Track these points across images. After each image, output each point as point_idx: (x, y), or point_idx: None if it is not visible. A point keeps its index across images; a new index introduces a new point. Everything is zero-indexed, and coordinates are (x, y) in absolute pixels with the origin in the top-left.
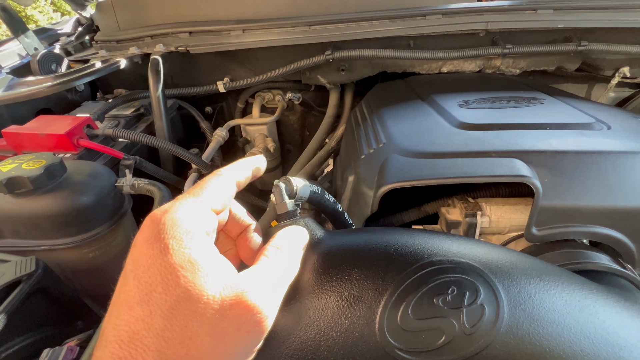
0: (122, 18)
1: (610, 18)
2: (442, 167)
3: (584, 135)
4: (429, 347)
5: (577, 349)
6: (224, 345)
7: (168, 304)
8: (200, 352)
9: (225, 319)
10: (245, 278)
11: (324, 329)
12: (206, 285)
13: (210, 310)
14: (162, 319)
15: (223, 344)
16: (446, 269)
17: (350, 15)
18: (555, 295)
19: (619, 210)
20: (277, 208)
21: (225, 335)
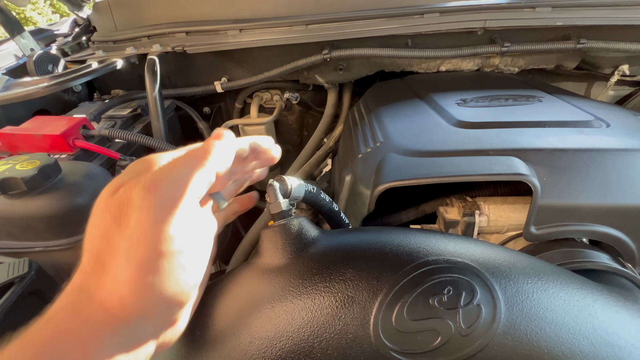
0: (119, 18)
1: (609, 15)
2: (439, 166)
3: (583, 133)
4: (424, 349)
5: (576, 350)
6: (125, 227)
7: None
8: (111, 242)
9: (122, 205)
10: (145, 175)
11: (317, 331)
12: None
13: (113, 204)
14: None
15: (125, 226)
16: (442, 269)
17: (348, 14)
18: (553, 295)
19: (619, 209)
20: (271, 207)
21: (125, 217)
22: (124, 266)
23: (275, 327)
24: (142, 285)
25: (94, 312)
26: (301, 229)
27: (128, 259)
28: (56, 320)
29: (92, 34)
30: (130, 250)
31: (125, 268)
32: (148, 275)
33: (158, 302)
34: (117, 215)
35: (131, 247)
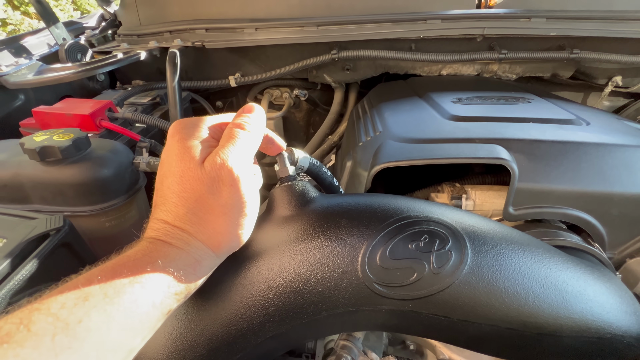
0: (144, 14)
1: (601, 28)
2: (429, 150)
3: (563, 129)
4: (402, 283)
5: (528, 290)
6: (219, 197)
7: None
8: (206, 205)
9: (215, 181)
10: (223, 155)
11: (314, 265)
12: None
13: (206, 177)
14: (177, 184)
15: (219, 196)
16: (421, 222)
17: (356, 18)
18: (515, 248)
19: (589, 194)
20: (280, 172)
21: (218, 190)
22: (221, 223)
23: (280, 261)
24: (234, 235)
25: (199, 247)
26: (304, 189)
27: (225, 219)
28: (173, 245)
29: (117, 27)
30: (226, 214)
31: (223, 224)
32: (237, 229)
33: (239, 243)
34: (210, 187)
35: (227, 212)
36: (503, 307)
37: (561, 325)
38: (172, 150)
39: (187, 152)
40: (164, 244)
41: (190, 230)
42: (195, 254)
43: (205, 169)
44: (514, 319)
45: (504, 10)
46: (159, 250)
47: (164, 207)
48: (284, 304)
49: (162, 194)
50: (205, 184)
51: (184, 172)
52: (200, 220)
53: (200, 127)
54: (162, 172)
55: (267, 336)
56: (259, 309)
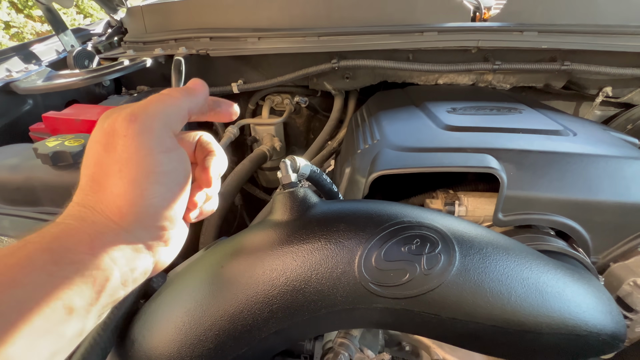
0: (150, 22)
1: (590, 41)
2: (424, 159)
3: (550, 139)
4: (395, 283)
5: (511, 290)
6: (114, 153)
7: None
8: (104, 165)
9: (109, 135)
10: (122, 109)
11: (315, 266)
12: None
13: (102, 135)
14: (84, 156)
15: (113, 152)
16: (413, 227)
17: (356, 29)
18: (499, 251)
19: (573, 202)
20: (283, 179)
21: (112, 145)
22: (117, 183)
23: (283, 262)
24: (134, 196)
25: (98, 219)
26: (305, 195)
27: (120, 177)
28: (65, 224)
29: (123, 34)
30: (122, 170)
31: (120, 184)
32: (137, 189)
33: (148, 211)
34: (105, 144)
35: (122, 168)
36: (488, 306)
37: (541, 323)
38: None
39: (98, 124)
40: (53, 225)
41: (89, 202)
42: (89, 229)
43: (103, 127)
44: (498, 317)
45: (497, 23)
46: (41, 234)
47: (75, 190)
48: (286, 302)
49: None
50: (101, 143)
51: (89, 142)
52: (99, 186)
53: (124, 105)
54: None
55: (271, 332)
56: (263, 306)
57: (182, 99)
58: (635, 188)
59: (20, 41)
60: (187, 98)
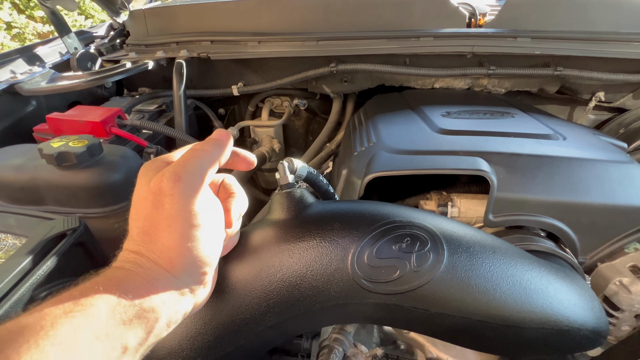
0: (152, 25)
1: (582, 48)
2: (418, 162)
3: (540, 143)
4: (386, 279)
5: (496, 287)
6: (162, 210)
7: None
8: (153, 221)
9: (156, 194)
10: (166, 169)
11: (310, 263)
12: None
13: (150, 193)
14: (132, 210)
15: (162, 209)
16: (404, 226)
17: (354, 34)
18: (486, 250)
19: (561, 204)
20: (280, 180)
21: (160, 203)
22: (168, 237)
23: (279, 259)
24: (184, 249)
25: (151, 267)
26: (302, 196)
27: (170, 232)
28: (125, 269)
29: (125, 37)
30: (171, 226)
31: (170, 238)
32: (186, 242)
33: (195, 260)
34: (153, 201)
35: (171, 223)
36: (474, 302)
37: (524, 318)
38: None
39: (140, 180)
40: (114, 269)
41: (142, 251)
42: (146, 275)
43: (149, 186)
44: (484, 312)
45: (492, 29)
46: (106, 276)
47: (126, 238)
48: (282, 297)
49: (128, 228)
50: (149, 200)
51: (136, 197)
52: (150, 238)
53: (160, 159)
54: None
55: (268, 325)
56: (260, 301)
57: (213, 153)
58: (621, 191)
59: (21, 42)
60: (217, 151)
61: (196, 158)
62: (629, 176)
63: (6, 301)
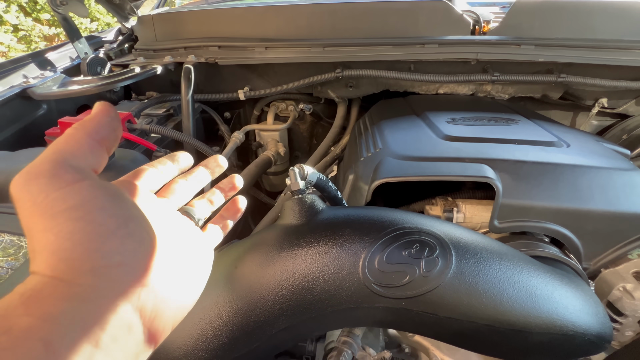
0: (160, 31)
1: (585, 55)
2: (424, 168)
3: (544, 151)
4: (396, 284)
5: (503, 292)
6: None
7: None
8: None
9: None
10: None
11: (322, 267)
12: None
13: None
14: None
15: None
16: (414, 232)
17: (360, 40)
18: (494, 256)
19: (565, 210)
20: (292, 186)
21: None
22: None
23: (292, 264)
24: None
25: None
26: (313, 202)
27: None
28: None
29: (134, 42)
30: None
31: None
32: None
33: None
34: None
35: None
36: (481, 306)
37: (530, 323)
38: None
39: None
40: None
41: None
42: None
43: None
44: (491, 316)
45: (496, 37)
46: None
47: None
48: (295, 300)
49: None
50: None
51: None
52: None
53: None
54: None
55: (281, 328)
56: (274, 304)
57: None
58: (624, 198)
59: (27, 44)
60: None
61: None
62: (632, 183)
63: None
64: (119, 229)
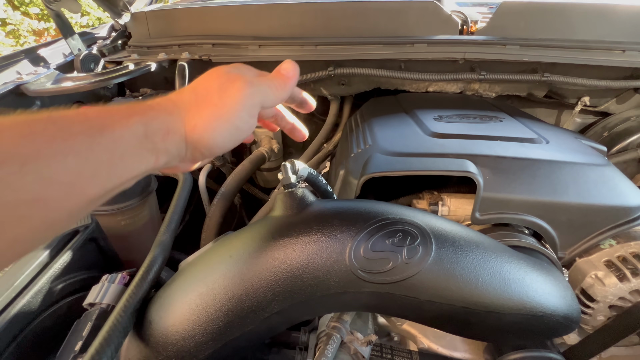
0: (153, 28)
1: (568, 55)
2: (410, 163)
3: (524, 147)
4: (380, 270)
5: (478, 277)
6: (222, 93)
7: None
8: (210, 93)
9: (230, 80)
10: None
11: (311, 255)
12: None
13: (224, 76)
14: (199, 79)
15: (222, 92)
16: (397, 223)
17: (351, 39)
18: (470, 244)
19: (542, 203)
20: (283, 180)
21: (226, 88)
22: (209, 113)
23: (284, 253)
24: (208, 130)
25: (175, 121)
26: (304, 195)
27: (213, 110)
28: (153, 108)
29: (127, 38)
30: (218, 106)
31: (209, 114)
32: (216, 128)
33: (205, 144)
34: (221, 86)
35: (219, 106)
36: (458, 290)
37: (503, 305)
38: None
39: (220, 68)
40: (149, 106)
41: (180, 104)
42: (169, 124)
43: (229, 74)
44: (467, 299)
45: (483, 37)
46: (142, 107)
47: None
48: (287, 286)
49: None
50: (220, 82)
51: (208, 74)
52: (197, 105)
53: (243, 68)
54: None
55: (273, 312)
56: (266, 290)
57: (280, 93)
58: (597, 191)
59: (16, 38)
60: (283, 92)
61: (269, 86)
62: (605, 178)
63: (27, 292)
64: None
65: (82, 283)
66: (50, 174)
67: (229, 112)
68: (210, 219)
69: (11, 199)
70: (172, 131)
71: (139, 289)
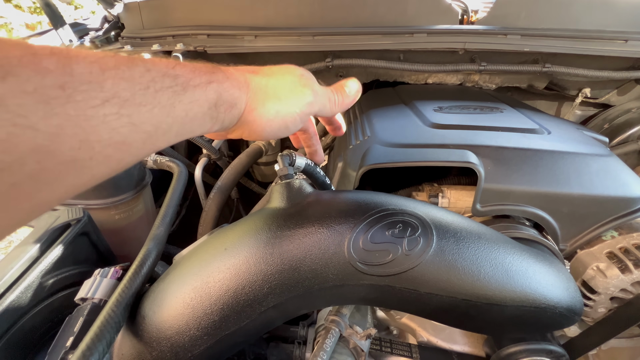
0: (147, 18)
1: (569, 45)
2: (410, 154)
3: (526, 137)
4: (380, 262)
5: (480, 269)
6: (294, 90)
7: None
8: (283, 85)
9: (307, 80)
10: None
11: (309, 247)
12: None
13: (301, 76)
14: (277, 68)
15: (294, 90)
16: (397, 214)
17: (349, 29)
18: (472, 235)
19: (543, 194)
20: (280, 171)
21: (301, 87)
22: (273, 103)
23: (280, 245)
24: (265, 117)
25: (240, 97)
26: (301, 186)
27: (279, 103)
28: (232, 77)
29: (120, 29)
30: (281, 103)
31: (273, 104)
32: (272, 119)
33: (256, 127)
34: (293, 85)
35: (284, 103)
36: (460, 282)
37: (505, 297)
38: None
39: (296, 68)
40: (226, 76)
41: (251, 84)
42: (236, 100)
43: (303, 76)
44: (468, 291)
45: (483, 27)
46: (221, 76)
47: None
48: (283, 279)
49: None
50: (293, 78)
51: (284, 69)
52: (265, 88)
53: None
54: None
55: (270, 306)
56: (263, 283)
57: (336, 106)
58: (599, 182)
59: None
60: (340, 105)
61: (329, 100)
62: (607, 168)
63: (16, 287)
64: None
65: (74, 278)
66: (140, 120)
67: (288, 112)
68: (206, 213)
69: (105, 137)
70: (235, 107)
71: (132, 283)
